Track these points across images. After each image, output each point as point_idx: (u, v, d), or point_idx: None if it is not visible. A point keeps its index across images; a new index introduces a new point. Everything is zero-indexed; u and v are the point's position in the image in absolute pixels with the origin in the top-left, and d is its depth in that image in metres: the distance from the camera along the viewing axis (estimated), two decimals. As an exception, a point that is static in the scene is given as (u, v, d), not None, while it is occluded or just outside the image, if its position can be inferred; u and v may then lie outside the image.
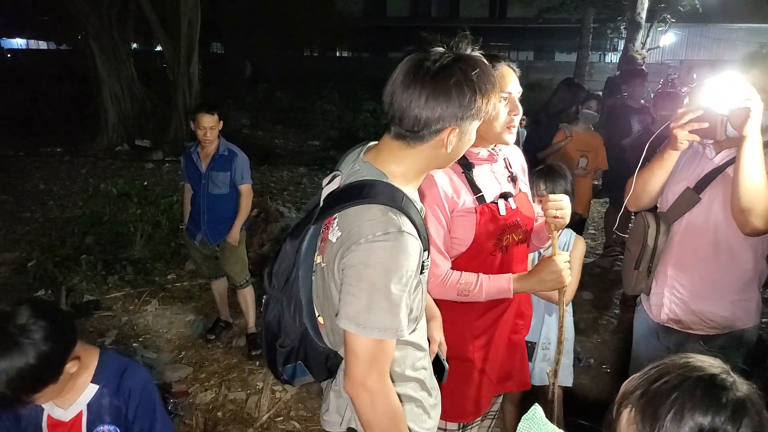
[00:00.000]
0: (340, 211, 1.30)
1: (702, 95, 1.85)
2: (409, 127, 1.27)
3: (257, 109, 14.19)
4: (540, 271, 1.77)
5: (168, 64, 10.20)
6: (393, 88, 1.27)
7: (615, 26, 17.50)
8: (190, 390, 3.39)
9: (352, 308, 1.25)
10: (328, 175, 1.46)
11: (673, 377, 1.03)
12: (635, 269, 2.17)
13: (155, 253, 5.30)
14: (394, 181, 1.33)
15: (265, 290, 1.49)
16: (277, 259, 1.47)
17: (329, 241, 1.31)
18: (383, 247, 1.22)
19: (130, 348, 3.84)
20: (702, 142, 1.96)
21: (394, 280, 1.23)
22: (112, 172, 8.32)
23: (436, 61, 1.25)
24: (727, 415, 0.97)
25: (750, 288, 2.09)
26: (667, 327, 2.18)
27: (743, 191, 1.80)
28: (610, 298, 4.67)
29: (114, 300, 4.50)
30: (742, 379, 1.02)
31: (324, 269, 1.34)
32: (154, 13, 9.62)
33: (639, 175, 2.10)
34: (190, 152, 3.77)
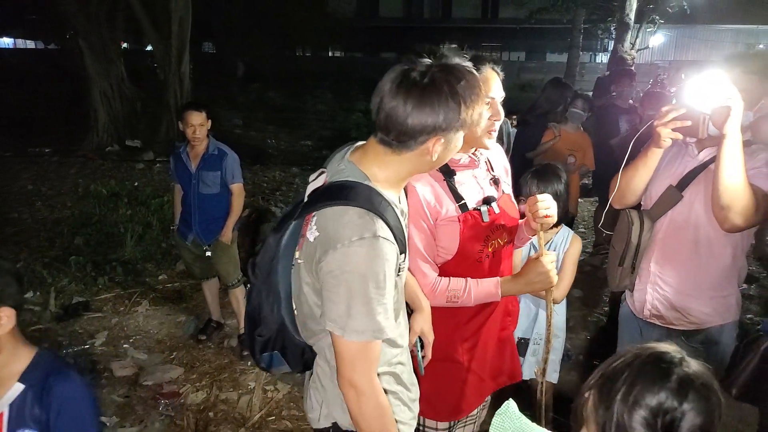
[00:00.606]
0: (319, 210, 1.32)
1: (685, 94, 1.87)
2: (395, 136, 1.29)
3: (249, 109, 14.18)
4: (527, 273, 1.78)
5: (159, 64, 10.16)
6: (381, 96, 1.29)
7: (605, 27, 17.56)
8: (181, 391, 3.39)
9: (333, 312, 1.29)
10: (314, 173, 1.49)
11: (627, 358, 1.08)
12: (619, 266, 2.20)
13: (146, 254, 5.29)
14: (376, 184, 1.35)
15: (249, 280, 1.53)
16: (261, 250, 1.50)
17: (307, 239, 1.34)
18: (358, 253, 1.25)
19: (120, 349, 3.83)
20: (685, 140, 1.99)
21: (371, 285, 1.26)
22: (102, 173, 8.28)
23: (423, 73, 1.27)
24: (672, 390, 1.00)
25: (730, 284, 2.13)
26: (650, 323, 2.22)
27: (723, 189, 1.83)
28: (599, 295, 4.71)
29: (104, 301, 4.49)
30: (694, 360, 1.06)
31: (301, 266, 1.38)
32: (144, 11, 9.58)
33: (623, 172, 2.12)
34: (179, 152, 3.76)
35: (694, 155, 2.09)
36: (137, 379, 3.49)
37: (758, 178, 1.91)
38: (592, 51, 26.47)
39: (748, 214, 1.85)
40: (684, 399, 1.00)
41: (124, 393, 3.36)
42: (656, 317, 2.19)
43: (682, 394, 1.00)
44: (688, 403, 1.00)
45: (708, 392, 1.02)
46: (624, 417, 1.02)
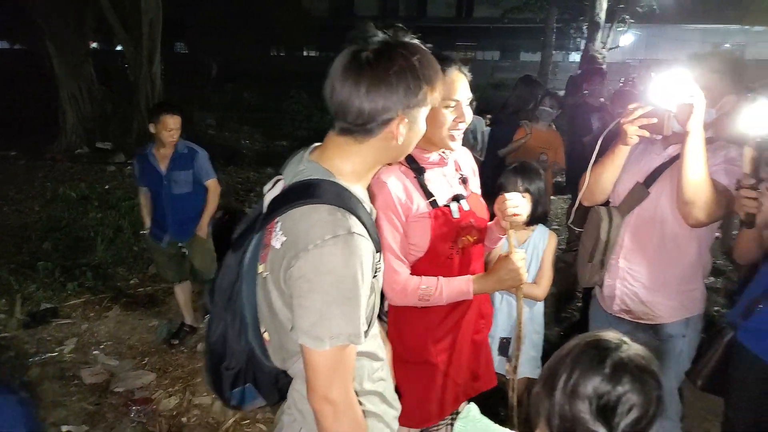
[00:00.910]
0: (283, 213, 1.21)
1: (650, 92, 1.91)
2: (353, 121, 1.21)
3: (223, 109, 14.02)
4: (498, 271, 1.79)
5: (129, 65, 9.98)
6: (331, 82, 1.22)
7: (577, 26, 17.82)
8: (153, 396, 3.33)
9: (305, 321, 1.17)
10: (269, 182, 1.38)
11: (567, 348, 1.12)
12: (589, 262, 2.23)
13: (117, 258, 5.20)
14: (342, 180, 1.26)
15: (207, 308, 1.39)
16: (219, 274, 1.37)
17: (272, 248, 1.22)
18: (333, 252, 1.14)
19: (90, 356, 3.76)
20: (651, 137, 2.02)
21: (348, 286, 1.16)
22: (71, 176, 8.11)
23: (376, 51, 1.20)
24: (606, 374, 1.04)
25: (695, 278, 2.17)
26: (619, 317, 2.25)
27: (686, 184, 1.87)
28: (573, 291, 4.75)
29: (73, 307, 4.39)
30: (636, 345, 1.11)
31: (267, 279, 1.25)
32: (113, 12, 9.40)
33: (592, 170, 2.16)
34: (146, 155, 3.70)
35: (660, 152, 2.14)
36: (108, 386, 3.42)
37: (719, 174, 1.96)
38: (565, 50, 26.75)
39: (711, 209, 1.89)
40: (618, 382, 1.04)
41: (94, 400, 3.29)
42: (625, 312, 2.23)
43: (616, 378, 1.04)
44: (623, 386, 1.04)
45: (643, 374, 1.05)
46: (565, 406, 1.06)
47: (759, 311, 1.97)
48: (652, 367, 1.08)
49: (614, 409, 1.03)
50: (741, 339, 2.04)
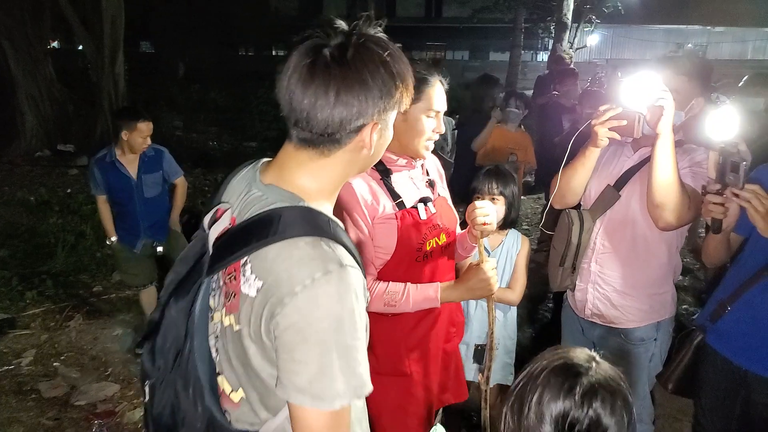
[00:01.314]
0: (250, 253, 1.01)
1: (621, 94, 1.89)
2: (321, 131, 1.02)
3: (191, 110, 13.76)
4: (468, 280, 1.75)
5: (91, 65, 9.70)
6: (288, 86, 1.02)
7: (545, 26, 18.01)
8: (117, 409, 3.22)
9: (302, 378, 0.96)
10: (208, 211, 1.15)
11: (535, 369, 1.08)
12: (560, 266, 2.21)
13: (79, 265, 5.03)
14: (311, 203, 1.07)
15: (146, 373, 1.15)
16: (159, 330, 1.14)
17: (244, 295, 1.01)
18: (327, 293, 0.96)
19: (50, 368, 3.61)
20: (621, 140, 2.01)
21: (347, 329, 0.98)
22: (31, 180, 7.85)
23: (340, 45, 1.01)
24: (576, 400, 1.02)
25: (666, 282, 2.18)
26: (591, 321, 2.25)
27: (656, 187, 1.86)
28: (544, 292, 4.77)
29: (32, 317, 4.22)
30: (605, 365, 1.08)
31: (240, 333, 1.04)
32: (72, 9, 9.12)
33: (563, 172, 2.14)
34: (112, 161, 3.58)
35: (630, 154, 2.13)
36: (68, 399, 3.29)
37: (686, 177, 1.96)
38: (534, 50, 27.07)
39: (681, 212, 1.88)
40: (589, 408, 1.02)
41: (53, 415, 3.16)
42: (597, 316, 2.22)
43: (586, 404, 1.02)
44: (594, 411, 1.02)
45: (614, 398, 1.03)
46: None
47: (727, 314, 1.98)
48: (622, 388, 1.06)
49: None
50: (710, 342, 2.05)
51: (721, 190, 1.76)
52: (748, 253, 1.99)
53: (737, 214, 1.85)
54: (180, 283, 1.14)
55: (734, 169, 1.72)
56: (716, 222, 1.82)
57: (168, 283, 1.18)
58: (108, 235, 3.72)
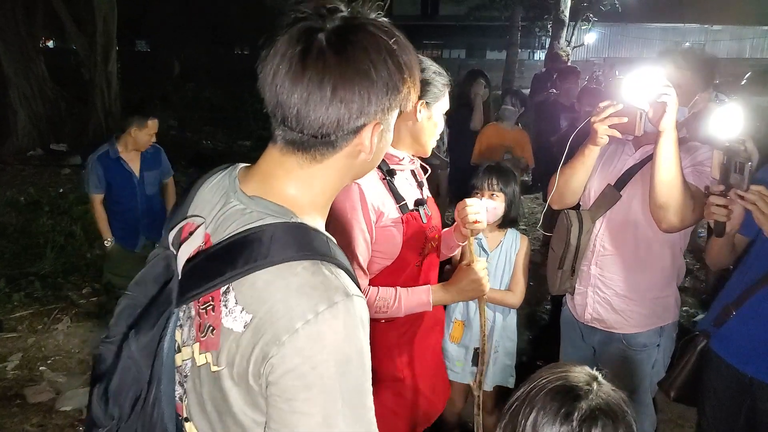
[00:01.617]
0: (233, 280, 0.84)
1: (622, 90, 1.82)
2: (314, 132, 0.86)
3: (185, 108, 13.66)
4: (459, 281, 1.69)
5: (83, 63, 9.60)
6: (276, 78, 0.85)
7: (542, 25, 17.96)
8: (103, 415, 3.13)
9: (301, 429, 0.81)
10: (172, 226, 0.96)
11: (531, 390, 1.01)
12: (559, 269, 2.14)
13: (68, 267, 4.93)
14: (304, 218, 0.90)
15: (96, 421, 0.92)
16: (115, 372, 0.91)
17: (227, 330, 0.85)
18: (333, 328, 0.81)
19: (36, 372, 3.52)
20: (622, 138, 1.94)
21: (356, 371, 0.83)
22: (22, 179, 7.74)
23: (338, 29, 0.85)
24: (573, 426, 0.95)
25: (669, 285, 2.11)
26: (591, 327, 2.17)
27: (659, 187, 1.79)
28: (542, 293, 4.70)
29: (20, 319, 4.13)
30: (607, 387, 1.00)
31: (219, 374, 0.87)
32: (64, 7, 9.03)
33: (561, 172, 2.07)
34: (116, 158, 3.52)
35: (631, 153, 2.06)
36: (54, 405, 3.20)
37: (691, 176, 1.88)
38: (531, 48, 26.99)
39: (685, 213, 1.80)
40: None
41: (38, 422, 3.07)
42: (597, 321, 2.14)
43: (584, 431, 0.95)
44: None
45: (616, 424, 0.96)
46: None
47: (732, 319, 1.91)
48: (626, 414, 0.98)
49: None
50: (714, 347, 1.98)
51: (724, 192, 1.69)
52: (753, 256, 1.92)
53: (741, 217, 1.78)
54: (141, 314, 0.93)
55: (739, 169, 1.65)
56: (719, 225, 1.75)
57: (120, 311, 0.96)
58: (104, 236, 3.62)
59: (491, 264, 2.51)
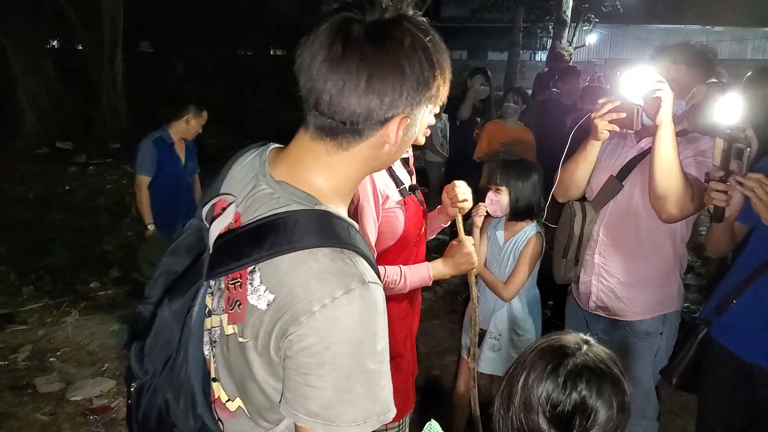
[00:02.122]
0: (259, 262, 0.90)
1: (619, 87, 1.90)
2: (344, 119, 0.90)
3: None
4: (453, 255, 1.83)
5: (90, 63, 9.69)
6: (312, 64, 0.88)
7: (544, 26, 18.02)
8: (112, 405, 3.19)
9: (315, 403, 0.88)
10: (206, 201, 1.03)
11: (524, 355, 1.06)
12: (563, 258, 2.20)
13: (77, 261, 5.00)
14: (329, 206, 0.95)
15: (133, 374, 1.04)
16: (150, 332, 1.01)
17: (252, 307, 0.91)
18: (348, 313, 0.86)
19: (46, 363, 3.58)
20: (622, 132, 2.00)
21: (368, 353, 0.89)
22: (30, 177, 7.82)
23: (376, 23, 0.88)
24: (559, 381, 0.99)
25: (671, 273, 2.15)
26: (596, 315, 2.22)
27: (658, 178, 1.85)
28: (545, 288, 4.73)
29: (29, 312, 4.19)
30: (597, 348, 1.04)
31: (245, 345, 0.94)
32: (72, 8, 9.11)
33: (565, 166, 2.14)
34: (171, 143, 3.72)
35: (632, 145, 2.12)
36: (64, 394, 3.25)
37: (690, 167, 1.93)
38: (532, 49, 27.03)
39: (684, 203, 1.86)
40: (573, 390, 0.99)
41: (49, 411, 3.12)
42: (601, 309, 2.19)
43: (571, 385, 0.99)
44: (578, 394, 0.99)
45: (602, 381, 1.00)
46: (521, 417, 1.01)
47: (732, 307, 1.95)
48: (613, 371, 1.02)
49: (570, 419, 0.98)
50: (714, 335, 2.02)
51: (724, 178, 1.74)
52: (752, 245, 1.96)
53: (740, 203, 1.82)
54: (175, 282, 1.01)
55: (738, 155, 1.70)
56: (719, 210, 1.80)
57: (156, 276, 1.05)
58: (146, 221, 3.71)
59: (501, 255, 2.57)
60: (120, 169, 8.03)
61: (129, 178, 7.55)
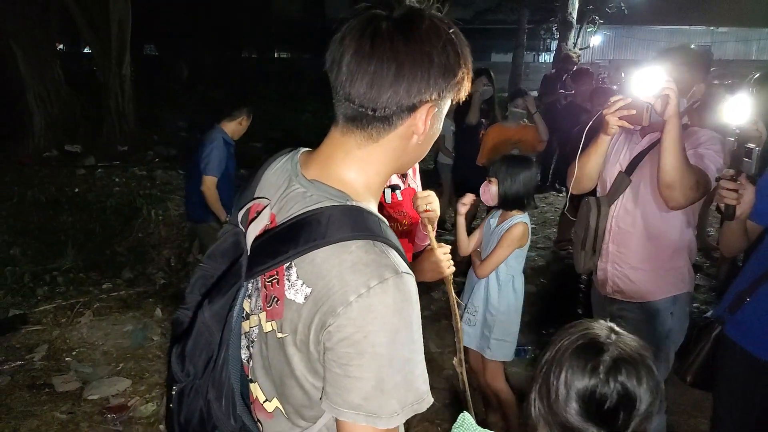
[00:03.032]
0: (295, 258, 0.93)
1: (629, 86, 2.04)
2: (374, 106, 0.93)
3: (194, 111, 13.78)
4: (421, 263, 1.82)
5: (98, 67, 9.74)
6: (344, 58, 0.92)
7: (548, 27, 18.04)
8: (129, 403, 3.23)
9: (356, 394, 0.89)
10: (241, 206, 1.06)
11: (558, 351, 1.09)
12: (582, 249, 2.37)
13: (89, 262, 5.04)
14: (360, 201, 0.98)
15: (175, 377, 1.05)
16: (190, 334, 1.03)
17: (290, 302, 0.94)
18: (383, 302, 0.88)
19: (63, 363, 3.63)
20: (631, 128, 2.17)
21: (405, 341, 0.91)
22: (39, 179, 7.84)
23: (404, 16, 0.93)
24: (601, 378, 1.03)
25: (680, 256, 2.29)
26: (612, 298, 2.39)
27: (667, 169, 1.98)
28: (554, 290, 4.77)
29: (44, 313, 4.24)
30: (625, 336, 1.09)
31: (284, 341, 0.96)
32: (80, 12, 9.17)
33: (578, 160, 2.30)
34: (232, 143, 3.92)
35: (638, 141, 2.29)
36: (81, 393, 3.30)
37: (693, 158, 2.06)
38: (536, 51, 27.05)
39: (690, 191, 2.00)
40: (615, 382, 1.03)
41: (67, 409, 3.17)
42: (618, 292, 2.36)
43: (610, 380, 1.03)
44: (620, 385, 1.03)
45: (638, 368, 1.04)
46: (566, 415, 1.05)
47: (746, 305, 1.98)
48: (645, 357, 1.07)
49: (615, 411, 1.02)
50: (729, 333, 2.05)
51: (734, 176, 1.80)
52: (766, 244, 1.99)
53: (751, 201, 1.89)
54: (214, 285, 1.03)
55: (748, 155, 1.76)
56: (729, 208, 1.87)
57: (194, 281, 1.08)
58: (222, 217, 3.81)
59: (490, 238, 2.78)
60: (128, 172, 8.07)
61: (137, 180, 7.62)
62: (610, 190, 2.33)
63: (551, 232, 6.20)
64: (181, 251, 5.23)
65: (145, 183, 7.47)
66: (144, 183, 7.46)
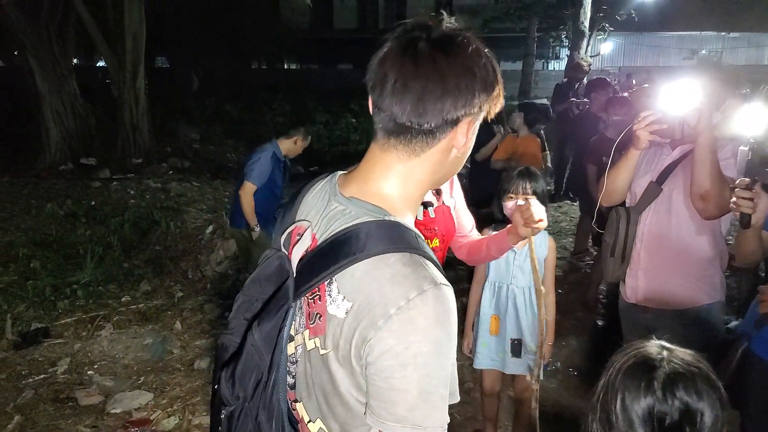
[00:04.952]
0: (335, 273, 0.95)
1: (660, 100, 2.06)
2: (418, 119, 0.95)
3: (206, 123, 13.91)
4: None
5: (113, 80, 9.87)
6: (388, 78, 0.95)
7: (557, 35, 18.01)
8: (151, 417, 3.24)
9: (401, 407, 0.90)
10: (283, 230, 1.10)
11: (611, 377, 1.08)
12: (611, 256, 2.40)
13: (107, 276, 5.09)
14: (397, 216, 1.00)
15: (225, 401, 1.06)
16: (239, 357, 1.04)
17: (332, 317, 0.95)
18: (423, 314, 0.89)
19: (85, 376, 3.66)
20: (661, 141, 2.22)
21: (447, 353, 0.92)
22: (56, 192, 7.96)
23: (442, 36, 0.96)
24: (658, 396, 1.02)
25: (712, 265, 2.29)
26: (644, 306, 2.39)
27: (701, 181, 2.02)
28: (572, 300, 4.75)
29: (65, 326, 4.28)
30: (678, 351, 1.07)
31: (327, 357, 0.97)
32: (96, 27, 9.30)
33: (608, 174, 2.35)
34: (283, 159, 4.14)
35: (669, 152, 2.32)
36: (104, 407, 3.32)
37: (727, 169, 2.08)
38: (545, 59, 27.03)
39: (723, 202, 2.02)
40: (673, 399, 1.01)
41: (90, 423, 3.19)
42: (648, 301, 2.36)
43: (669, 396, 1.01)
44: (680, 401, 1.01)
45: (696, 380, 1.02)
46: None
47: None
48: (701, 368, 1.05)
49: (680, 427, 1.01)
50: (755, 349, 2.04)
51: (750, 185, 1.81)
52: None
53: (766, 209, 1.90)
54: (263, 308, 1.04)
55: (763, 163, 1.79)
56: (745, 217, 1.89)
57: (237, 306, 1.10)
58: (253, 224, 4.02)
59: (519, 261, 2.68)
60: (143, 184, 8.14)
61: (152, 192, 7.69)
62: (641, 199, 2.35)
63: (567, 242, 6.18)
64: (199, 263, 5.26)
65: (159, 195, 7.54)
66: (158, 195, 7.53)
